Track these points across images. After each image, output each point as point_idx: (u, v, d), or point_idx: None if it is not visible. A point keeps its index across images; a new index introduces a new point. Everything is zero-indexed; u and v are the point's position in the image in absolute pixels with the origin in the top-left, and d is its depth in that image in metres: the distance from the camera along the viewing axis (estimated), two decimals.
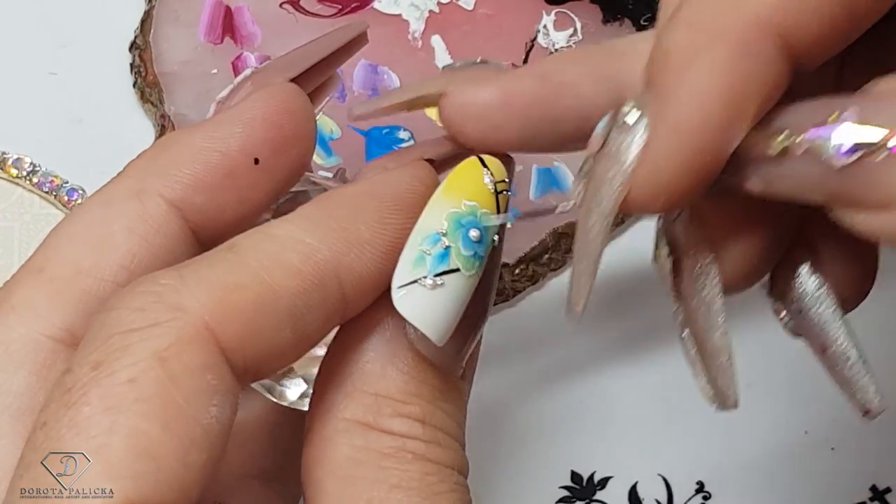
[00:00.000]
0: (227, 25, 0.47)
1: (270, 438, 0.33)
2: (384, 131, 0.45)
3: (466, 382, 0.28)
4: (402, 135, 0.45)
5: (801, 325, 0.30)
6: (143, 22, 0.48)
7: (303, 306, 0.25)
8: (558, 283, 0.44)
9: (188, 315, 0.24)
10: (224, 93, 0.31)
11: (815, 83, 0.26)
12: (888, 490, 0.40)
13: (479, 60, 0.30)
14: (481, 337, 0.29)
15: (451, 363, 0.27)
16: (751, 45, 0.23)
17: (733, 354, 0.29)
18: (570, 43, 0.46)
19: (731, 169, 0.25)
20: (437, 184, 0.27)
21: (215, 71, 0.46)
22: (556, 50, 0.46)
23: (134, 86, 0.47)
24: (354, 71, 0.46)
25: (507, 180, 0.27)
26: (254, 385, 0.31)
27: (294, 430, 0.32)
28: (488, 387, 0.42)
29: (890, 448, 0.41)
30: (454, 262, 0.26)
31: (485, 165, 0.27)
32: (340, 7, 0.47)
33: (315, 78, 0.32)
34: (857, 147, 0.22)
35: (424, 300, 0.25)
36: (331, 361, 0.27)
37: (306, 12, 0.47)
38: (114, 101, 0.48)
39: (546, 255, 0.43)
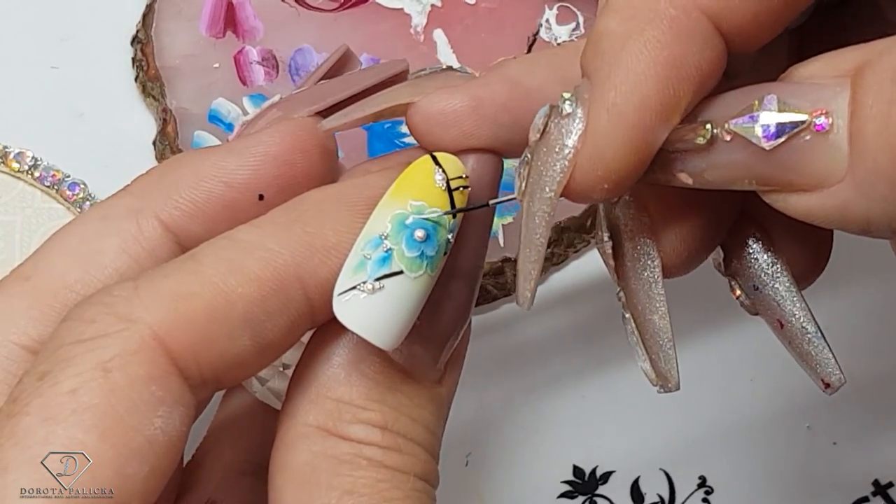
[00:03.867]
0: (229, 19, 0.47)
1: (264, 434, 0.32)
2: (386, 126, 0.45)
3: (446, 387, 0.28)
4: (404, 129, 0.45)
5: (757, 301, 0.30)
6: (144, 16, 0.48)
7: (261, 313, 0.25)
8: (560, 278, 0.44)
9: (136, 326, 0.24)
10: (249, 116, 0.31)
11: (771, 69, 0.25)
12: (890, 485, 0.40)
13: (444, 67, 0.30)
14: (466, 341, 0.28)
15: (425, 369, 0.26)
16: (682, 28, 0.23)
17: (673, 336, 0.29)
18: (573, 37, 0.46)
19: (661, 166, 0.25)
20: None
21: (217, 65, 0.46)
22: (558, 44, 0.46)
23: (136, 80, 0.47)
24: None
25: (464, 176, 0.26)
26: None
27: None
28: (491, 381, 0.42)
29: (892, 443, 0.41)
30: (397, 264, 0.25)
31: (437, 163, 0.26)
32: (342, 1, 0.47)
33: None
34: (783, 128, 0.23)
35: (365, 306, 0.25)
36: (302, 365, 0.27)
37: (308, 7, 0.47)
38: (115, 96, 0.47)
39: (548, 250, 0.43)
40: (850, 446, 0.41)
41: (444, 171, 0.26)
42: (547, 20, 0.47)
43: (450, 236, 0.26)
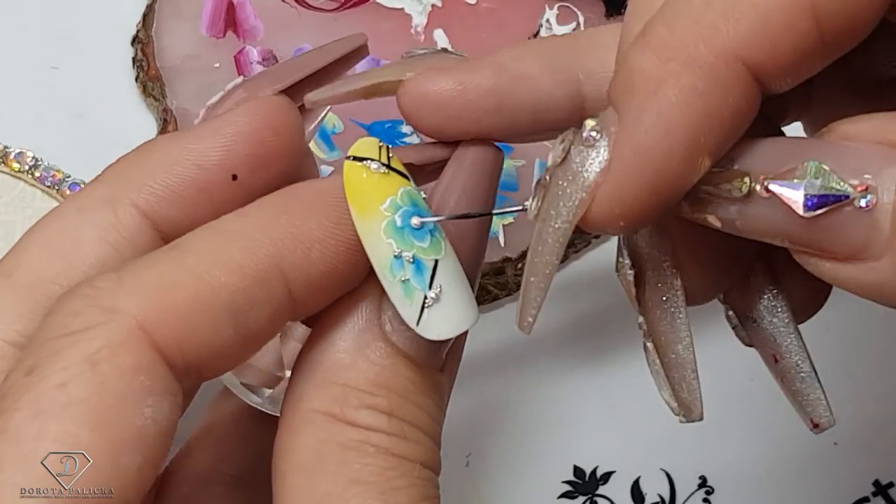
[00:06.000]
0: (230, 19, 0.47)
1: (239, 444, 0.32)
2: (387, 125, 0.45)
3: (446, 375, 0.28)
4: (405, 129, 0.45)
5: (752, 333, 0.29)
6: (145, 16, 0.48)
7: (244, 303, 0.25)
8: (560, 278, 0.44)
9: (121, 317, 0.24)
10: (214, 98, 0.30)
11: (781, 97, 0.25)
12: (891, 485, 0.40)
13: (439, 49, 0.29)
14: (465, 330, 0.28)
15: (428, 356, 0.26)
16: (720, 77, 0.23)
17: (696, 367, 0.28)
18: None
19: (692, 203, 0.24)
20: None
21: (217, 65, 0.46)
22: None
23: (136, 80, 0.47)
24: (356, 65, 0.46)
25: (381, 145, 0.26)
26: (224, 382, 0.31)
27: (266, 436, 0.31)
28: (491, 381, 0.42)
29: (893, 443, 0.41)
30: (427, 257, 0.25)
31: (357, 158, 0.26)
32: (343, 1, 0.47)
33: (310, 89, 0.31)
34: (826, 199, 0.22)
35: (445, 310, 0.25)
36: (306, 351, 0.27)
37: (308, 6, 0.47)
38: (116, 96, 0.47)
39: None
40: (850, 446, 0.41)
41: (369, 159, 0.26)
42: (547, 20, 0.47)
43: (421, 193, 0.26)
